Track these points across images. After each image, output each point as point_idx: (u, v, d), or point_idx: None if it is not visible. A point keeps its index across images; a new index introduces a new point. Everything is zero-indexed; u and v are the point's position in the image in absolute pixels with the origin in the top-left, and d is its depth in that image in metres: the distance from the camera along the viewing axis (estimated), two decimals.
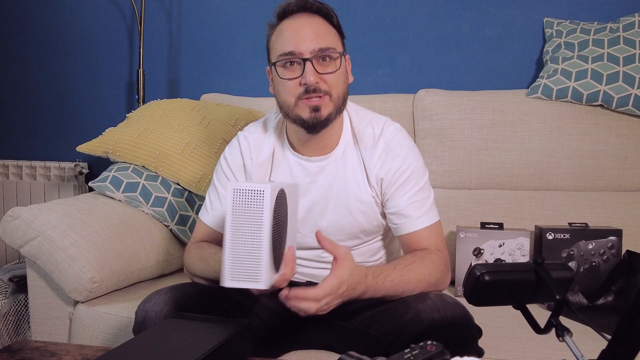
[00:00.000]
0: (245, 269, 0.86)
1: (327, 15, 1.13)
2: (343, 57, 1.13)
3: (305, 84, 1.08)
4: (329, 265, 1.00)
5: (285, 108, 1.13)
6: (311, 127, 1.12)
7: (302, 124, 1.12)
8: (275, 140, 1.24)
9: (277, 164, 1.23)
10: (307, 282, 1.22)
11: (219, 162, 1.28)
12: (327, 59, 1.10)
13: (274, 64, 1.12)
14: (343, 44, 1.17)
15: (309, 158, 1.20)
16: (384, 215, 1.22)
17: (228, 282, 0.87)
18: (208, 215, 1.26)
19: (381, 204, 1.20)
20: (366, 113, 1.26)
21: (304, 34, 1.08)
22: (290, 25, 1.11)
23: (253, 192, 0.85)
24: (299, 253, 1.20)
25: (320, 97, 1.09)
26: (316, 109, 1.09)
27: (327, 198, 1.20)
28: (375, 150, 1.18)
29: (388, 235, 1.28)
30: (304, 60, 1.07)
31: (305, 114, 1.10)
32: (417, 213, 1.16)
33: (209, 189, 1.30)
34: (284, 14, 1.12)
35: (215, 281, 1.04)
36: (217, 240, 1.23)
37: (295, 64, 1.09)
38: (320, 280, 0.99)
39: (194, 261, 1.21)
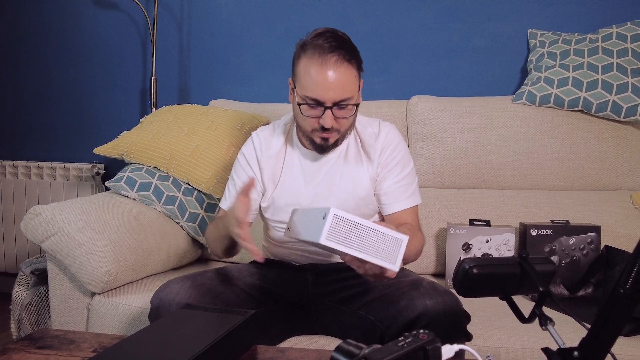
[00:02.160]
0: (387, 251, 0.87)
1: (354, 59, 1.14)
2: (356, 106, 1.17)
3: (321, 124, 1.13)
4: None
5: (301, 130, 1.21)
6: (320, 150, 1.21)
7: (313, 146, 1.21)
8: (284, 137, 1.29)
9: (288, 157, 1.27)
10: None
11: (237, 159, 1.33)
12: (345, 107, 1.14)
13: (300, 104, 1.15)
14: (360, 79, 1.20)
15: (317, 152, 1.23)
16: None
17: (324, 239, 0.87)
18: (226, 202, 1.31)
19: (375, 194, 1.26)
20: (361, 117, 1.31)
21: (331, 85, 1.10)
22: (318, 70, 1.10)
23: (394, 238, 0.86)
24: None
25: (331, 133, 1.16)
26: (326, 140, 1.17)
27: (331, 185, 1.23)
28: (377, 143, 1.25)
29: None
30: (325, 107, 1.12)
31: (317, 140, 1.18)
32: (403, 195, 1.24)
33: (228, 182, 1.35)
34: (318, 50, 1.11)
35: (219, 235, 1.18)
36: None
37: (317, 107, 1.13)
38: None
39: (207, 232, 1.33)
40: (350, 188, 1.23)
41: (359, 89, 1.19)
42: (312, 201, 1.23)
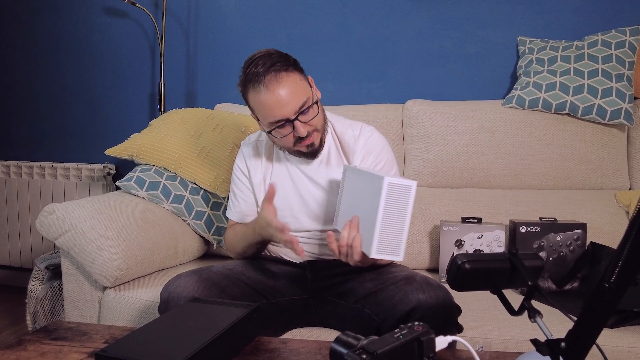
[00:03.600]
0: (389, 244, 0.95)
1: (289, 65, 1.12)
2: (316, 103, 1.15)
3: (298, 136, 1.14)
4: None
5: (284, 149, 1.22)
6: (311, 156, 1.21)
7: (302, 155, 1.20)
8: (271, 146, 1.30)
9: (276, 168, 1.29)
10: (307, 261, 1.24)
11: (233, 171, 1.35)
12: (307, 109, 1.13)
13: (270, 131, 1.15)
14: (306, 78, 1.17)
15: (302, 160, 1.24)
16: None
17: (374, 253, 0.94)
18: (232, 213, 1.34)
19: None
20: (344, 120, 1.32)
21: (284, 100, 1.09)
22: (266, 97, 1.10)
23: (403, 186, 0.94)
24: (300, 234, 1.24)
25: (311, 136, 1.16)
26: (311, 145, 1.17)
27: (317, 189, 1.25)
28: (357, 146, 1.25)
29: None
30: (291, 120, 1.11)
31: (303, 149, 1.18)
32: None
33: (230, 193, 1.37)
34: (256, 79, 1.10)
35: (251, 245, 1.22)
36: None
37: (285, 125, 1.12)
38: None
39: (231, 239, 1.31)
40: (335, 190, 1.23)
41: (311, 86, 1.18)
42: (300, 205, 1.24)
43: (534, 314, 0.67)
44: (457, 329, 1.01)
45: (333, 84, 2.12)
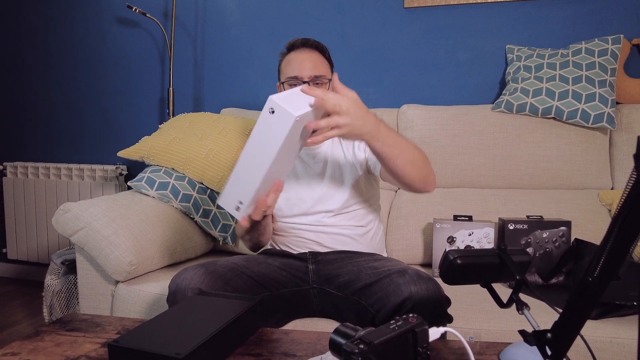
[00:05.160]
0: (235, 197, 0.85)
1: (322, 51, 1.24)
2: (330, 82, 1.21)
3: None
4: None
5: None
6: None
7: None
8: None
9: None
10: (309, 252, 1.22)
11: None
12: (319, 83, 1.18)
13: (283, 83, 1.22)
14: (332, 70, 1.25)
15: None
16: (364, 176, 1.26)
17: (220, 202, 0.88)
18: None
19: (366, 165, 1.25)
20: None
21: (305, 64, 1.19)
22: (295, 57, 1.21)
23: (283, 111, 0.78)
24: (301, 219, 1.22)
25: None
26: None
27: (323, 171, 1.25)
28: None
29: (370, 201, 1.29)
30: (303, 82, 1.17)
31: None
32: None
33: None
34: (291, 47, 1.24)
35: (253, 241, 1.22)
36: None
37: (296, 84, 1.17)
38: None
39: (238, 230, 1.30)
40: (337, 171, 1.24)
41: (331, 79, 1.20)
42: (305, 188, 1.24)
43: (521, 307, 0.67)
44: (447, 319, 1.01)
45: None
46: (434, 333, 0.68)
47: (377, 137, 0.98)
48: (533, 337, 0.62)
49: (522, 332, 0.64)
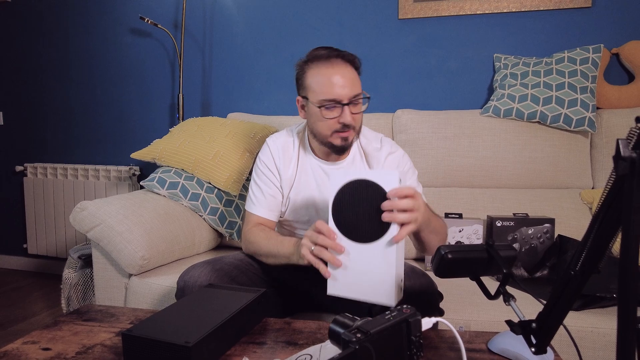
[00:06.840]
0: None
1: (356, 65, 1.08)
2: (368, 99, 1.10)
3: (342, 123, 1.05)
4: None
5: (320, 137, 1.10)
6: (339, 151, 1.11)
7: (332, 149, 1.10)
8: (298, 144, 1.20)
9: (302, 165, 1.20)
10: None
11: (257, 165, 1.23)
12: (358, 102, 1.07)
13: (319, 107, 1.05)
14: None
15: (327, 162, 1.18)
16: None
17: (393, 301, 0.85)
18: (256, 207, 1.19)
19: None
20: (366, 130, 1.24)
21: (343, 82, 1.03)
22: (329, 72, 1.04)
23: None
24: (306, 225, 1.21)
25: (349, 131, 1.08)
26: (346, 139, 1.08)
27: None
28: (381, 153, 1.19)
29: None
30: (343, 104, 1.04)
31: (337, 142, 1.09)
32: (419, 188, 1.19)
33: (251, 185, 1.23)
34: (320, 58, 1.05)
35: (274, 257, 1.06)
36: (268, 225, 1.20)
37: (335, 107, 1.05)
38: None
39: (260, 240, 1.13)
40: None
41: None
42: (324, 207, 1.18)
43: (508, 298, 0.67)
44: (439, 313, 1.01)
45: None
46: (427, 323, 0.67)
47: (422, 225, 0.92)
48: (519, 327, 0.62)
49: (509, 322, 0.64)
